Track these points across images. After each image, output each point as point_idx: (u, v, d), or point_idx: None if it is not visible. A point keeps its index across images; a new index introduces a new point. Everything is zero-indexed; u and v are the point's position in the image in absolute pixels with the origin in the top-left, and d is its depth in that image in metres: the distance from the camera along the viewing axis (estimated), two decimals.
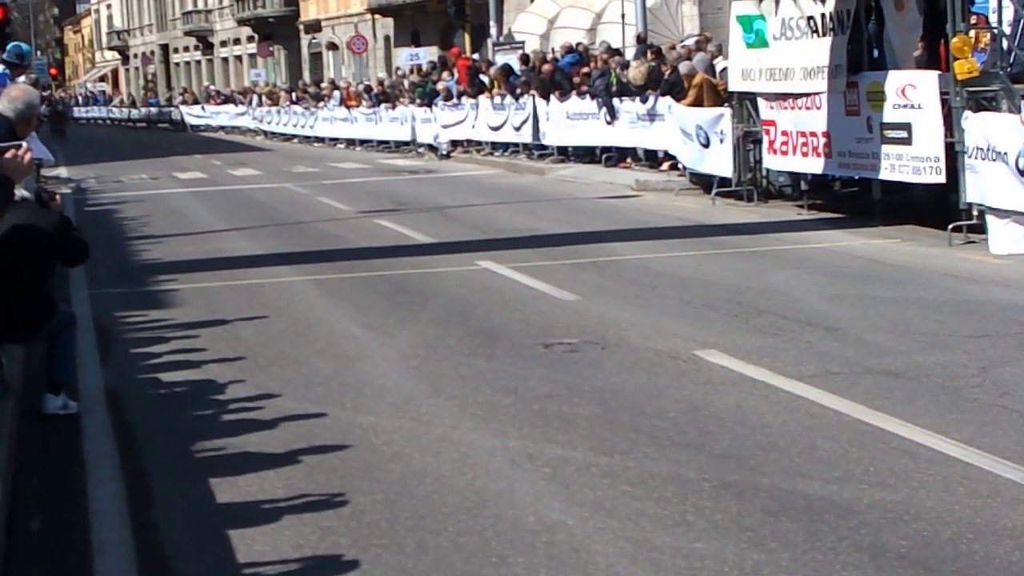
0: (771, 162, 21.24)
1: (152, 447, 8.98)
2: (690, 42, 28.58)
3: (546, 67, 32.00)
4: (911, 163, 17.18)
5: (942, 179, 16.64)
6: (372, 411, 9.58)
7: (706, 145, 22.76)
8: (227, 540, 7.01)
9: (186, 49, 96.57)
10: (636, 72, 27.29)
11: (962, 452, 7.90)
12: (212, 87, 75.22)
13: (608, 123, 28.46)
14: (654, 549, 6.64)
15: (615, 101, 27.97)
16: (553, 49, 36.00)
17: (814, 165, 19.85)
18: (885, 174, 17.90)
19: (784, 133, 20.29)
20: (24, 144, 9.40)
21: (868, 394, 9.33)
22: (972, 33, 16.52)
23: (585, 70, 30.57)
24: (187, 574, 6.63)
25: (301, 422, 9.27)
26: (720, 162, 22.37)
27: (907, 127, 17.23)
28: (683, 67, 24.76)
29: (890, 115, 17.54)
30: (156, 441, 9.11)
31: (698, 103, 23.46)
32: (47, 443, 9.13)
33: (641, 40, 30.88)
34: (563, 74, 31.34)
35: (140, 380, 10.92)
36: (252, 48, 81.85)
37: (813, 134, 19.47)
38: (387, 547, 6.83)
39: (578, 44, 33.97)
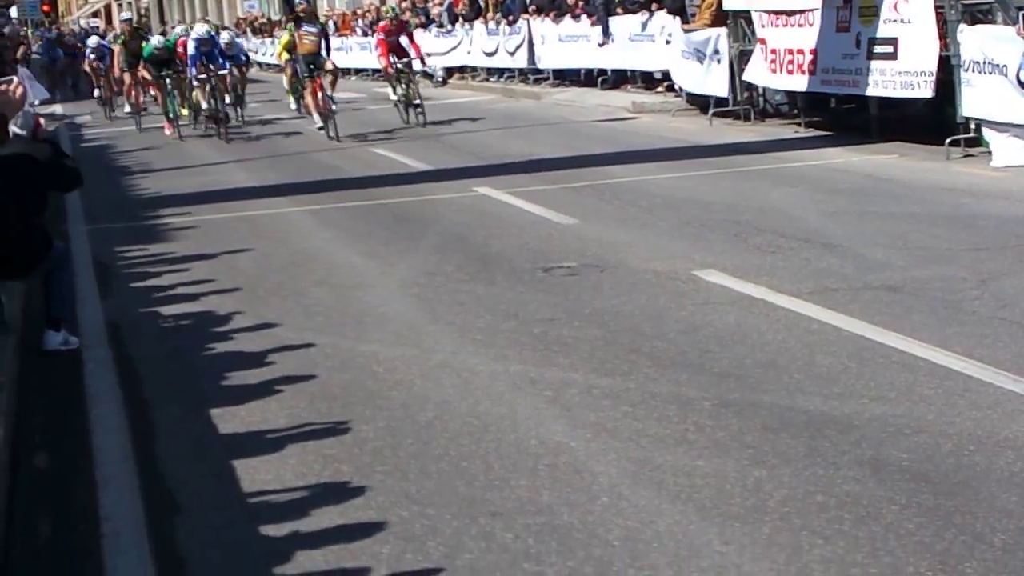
0: (757, 78, 21.17)
1: (154, 380, 8.99)
2: None
3: None
4: (897, 78, 17.08)
5: (930, 93, 16.56)
6: (373, 339, 9.59)
7: (703, 65, 22.66)
8: (230, 470, 7.03)
9: None
10: None
11: (962, 365, 7.91)
12: (207, 19, 74.64)
13: (600, 45, 28.32)
14: (656, 468, 6.66)
15: (610, 20, 27.83)
16: None
17: (798, 83, 19.79)
18: (870, 90, 17.83)
19: (773, 51, 20.22)
20: (15, 79, 9.37)
21: (867, 309, 9.34)
22: None
23: None
24: (191, 505, 6.65)
25: (302, 352, 9.28)
26: (716, 82, 22.28)
27: (893, 42, 17.14)
28: None
29: (879, 30, 17.44)
30: (158, 374, 9.13)
31: (716, 23, 23.13)
32: (49, 379, 9.15)
33: None
34: None
35: (140, 314, 10.93)
36: None
37: (800, 51, 19.39)
38: (390, 473, 6.85)
39: None
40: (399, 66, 25.80)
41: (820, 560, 5.50)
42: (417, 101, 25.53)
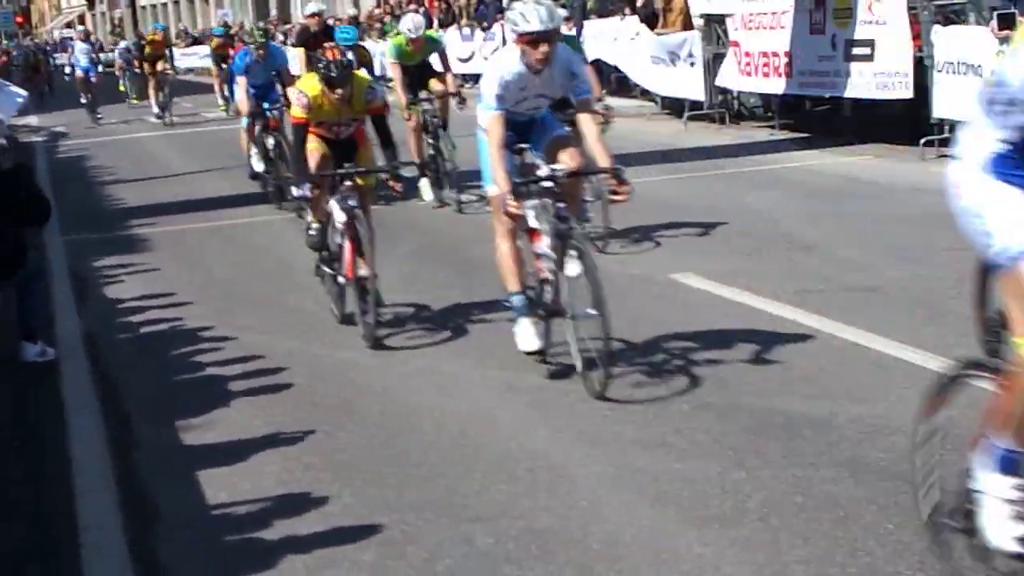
0: (734, 82, 21.23)
1: (132, 390, 8.97)
2: None
3: None
4: (875, 79, 17.16)
5: (909, 94, 16.63)
6: (351, 346, 9.58)
7: (676, 68, 22.71)
8: (209, 480, 7.01)
9: None
10: None
11: (939, 364, 7.88)
12: (182, 26, 74.48)
13: None
14: (636, 472, 6.67)
15: (585, 23, 27.87)
16: None
17: (775, 85, 19.88)
18: (849, 91, 17.91)
19: (747, 54, 20.29)
20: None
21: (845, 310, 9.36)
22: None
23: None
24: (170, 514, 6.63)
25: (280, 360, 9.27)
26: (691, 85, 22.33)
27: (871, 43, 17.22)
28: None
29: (856, 32, 17.53)
30: (136, 384, 9.10)
31: (687, 27, 23.23)
32: (26, 390, 9.11)
33: None
34: None
35: (118, 324, 10.90)
36: None
37: (775, 54, 19.47)
38: (370, 480, 6.84)
39: None
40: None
41: (799, 561, 5.51)
42: None
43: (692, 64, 22.13)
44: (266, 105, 17.01)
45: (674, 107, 23.57)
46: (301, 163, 9.95)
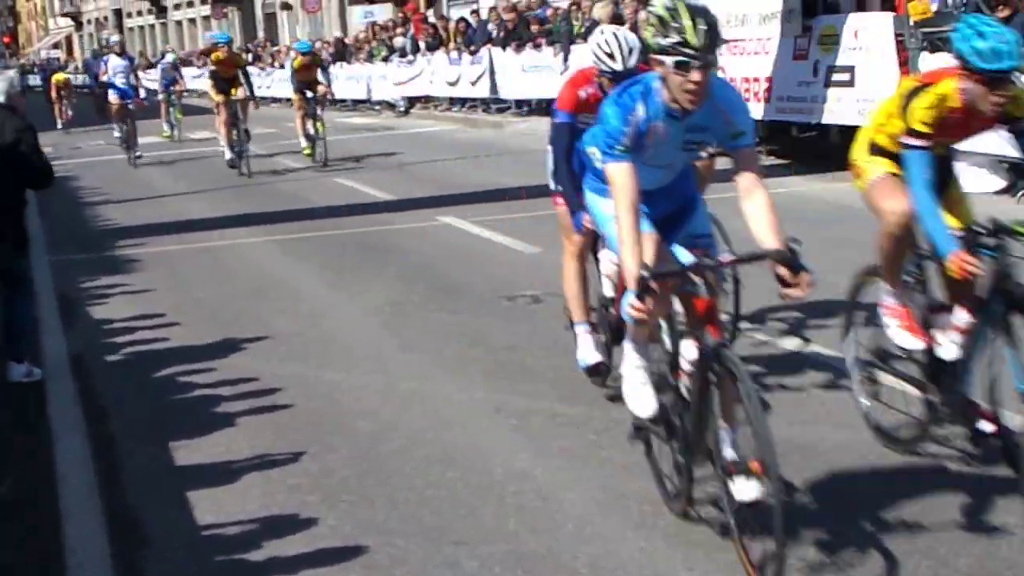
0: None
1: (118, 411, 8.96)
2: None
3: (510, 15, 31.87)
4: (855, 105, 17.22)
5: None
6: (338, 368, 9.59)
7: None
8: (195, 501, 7.02)
9: (139, 13, 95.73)
10: (601, 11, 27.30)
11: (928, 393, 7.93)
12: (168, 47, 74.54)
13: (561, 73, 28.43)
14: (621, 496, 6.68)
15: (572, 47, 27.98)
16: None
17: (754, 111, 19.91)
18: (826, 118, 17.98)
19: (731, 80, 20.32)
20: None
21: (831, 337, 9.36)
22: None
23: (550, 12, 30.58)
24: (156, 536, 6.63)
25: (267, 381, 9.27)
26: None
27: (850, 70, 17.30)
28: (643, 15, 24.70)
29: (838, 58, 17.62)
30: (122, 405, 9.09)
31: None
32: (13, 411, 9.09)
33: None
34: (526, 23, 31.24)
35: (104, 345, 10.89)
36: (206, 10, 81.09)
37: (756, 79, 19.51)
38: (356, 503, 6.85)
39: None
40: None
41: None
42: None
43: None
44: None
45: None
46: None
